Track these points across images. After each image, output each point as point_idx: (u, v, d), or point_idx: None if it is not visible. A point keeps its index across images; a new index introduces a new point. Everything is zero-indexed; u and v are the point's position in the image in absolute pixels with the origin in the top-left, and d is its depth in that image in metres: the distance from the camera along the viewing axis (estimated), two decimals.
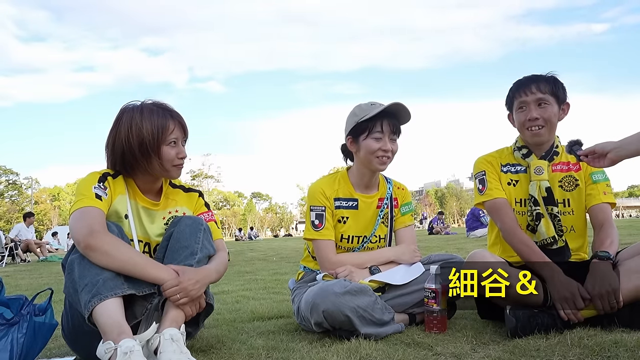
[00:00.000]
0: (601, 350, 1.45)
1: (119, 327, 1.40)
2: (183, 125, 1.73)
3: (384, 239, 2.15)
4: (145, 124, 1.65)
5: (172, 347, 1.39)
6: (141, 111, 1.68)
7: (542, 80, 1.97)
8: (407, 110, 2.02)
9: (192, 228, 1.66)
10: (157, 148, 1.65)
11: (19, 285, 4.91)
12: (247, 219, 69.61)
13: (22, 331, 1.54)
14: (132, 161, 1.67)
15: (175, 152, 1.69)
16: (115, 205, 1.67)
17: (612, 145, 1.60)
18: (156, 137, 1.65)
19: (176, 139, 1.69)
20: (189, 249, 1.62)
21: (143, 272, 1.52)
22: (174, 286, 1.51)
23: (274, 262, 6.76)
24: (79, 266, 1.49)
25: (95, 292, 1.43)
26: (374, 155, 2.01)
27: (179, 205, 1.82)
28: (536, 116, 1.94)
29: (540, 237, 1.97)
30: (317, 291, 1.78)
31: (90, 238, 1.48)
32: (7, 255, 9.90)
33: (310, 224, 2.06)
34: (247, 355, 1.62)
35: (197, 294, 1.56)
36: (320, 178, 2.18)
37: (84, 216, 1.54)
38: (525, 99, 1.97)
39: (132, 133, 1.64)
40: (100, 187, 1.62)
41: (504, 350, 1.54)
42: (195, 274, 1.56)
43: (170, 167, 1.70)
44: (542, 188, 1.99)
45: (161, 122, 1.66)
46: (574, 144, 1.78)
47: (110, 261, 1.48)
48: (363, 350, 1.57)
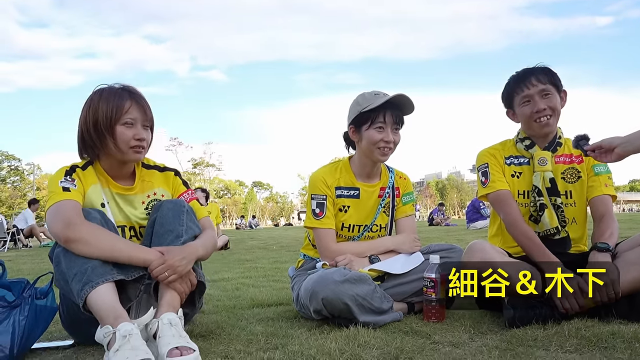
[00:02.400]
0: (598, 341, 1.46)
1: (114, 311, 1.41)
2: (143, 107, 1.68)
3: (384, 228, 2.16)
4: (101, 104, 1.63)
5: (171, 332, 1.41)
6: (101, 92, 1.67)
7: (539, 72, 1.98)
8: (411, 101, 2.02)
9: (174, 212, 1.66)
10: (110, 127, 1.63)
11: (21, 269, 4.95)
12: (248, 208, 69.81)
13: (23, 314, 1.55)
14: (90, 142, 1.66)
15: (132, 133, 1.64)
16: (89, 196, 1.67)
17: (619, 140, 1.60)
18: (109, 116, 1.62)
19: (133, 119, 1.65)
20: (174, 232, 1.62)
21: (128, 256, 1.53)
22: (160, 265, 1.51)
23: (274, 251, 6.80)
24: (65, 257, 1.50)
25: (86, 280, 1.44)
26: (376, 146, 2.00)
27: (156, 186, 1.80)
28: (543, 107, 1.94)
29: (543, 227, 1.98)
30: (316, 279, 1.79)
31: (68, 231, 1.49)
32: (9, 240, 9.97)
33: (311, 213, 2.07)
34: (246, 341, 1.63)
35: (185, 270, 1.56)
36: (322, 167, 2.18)
37: (58, 211, 1.54)
38: (528, 92, 1.96)
39: (90, 113, 1.64)
40: (68, 180, 1.62)
41: (502, 339, 1.55)
42: (180, 250, 1.57)
43: (127, 149, 1.65)
44: (546, 179, 1.99)
45: (117, 102, 1.64)
46: (580, 139, 1.78)
47: (93, 250, 1.49)
48: (361, 338, 1.58)
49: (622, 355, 1.34)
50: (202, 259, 1.68)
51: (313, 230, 2.08)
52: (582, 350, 1.41)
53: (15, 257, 7.19)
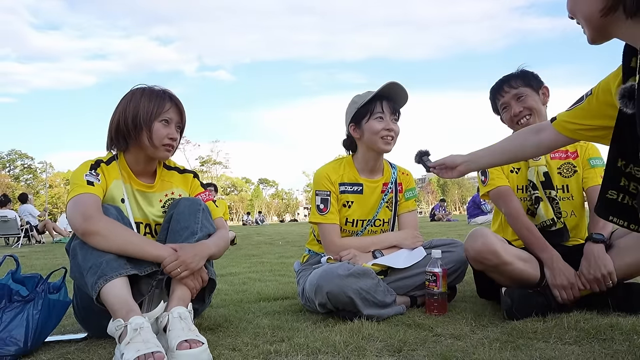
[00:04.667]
0: (597, 333, 1.49)
1: (127, 305, 1.45)
2: (181, 111, 1.77)
3: (387, 222, 2.19)
4: (143, 100, 1.72)
5: (181, 325, 1.44)
6: (143, 90, 1.75)
7: (512, 78, 2.06)
8: (404, 90, 2.06)
9: (190, 209, 1.70)
10: (149, 122, 1.70)
11: (34, 265, 5.00)
12: (254, 205, 69.91)
13: (37, 308, 1.59)
14: (125, 132, 1.71)
15: (167, 132, 1.73)
16: (111, 191, 1.71)
17: (461, 158, 1.70)
18: (151, 111, 1.70)
19: (170, 119, 1.73)
20: (189, 229, 1.66)
21: (142, 251, 1.56)
22: (173, 261, 1.55)
23: (279, 246, 6.83)
24: (82, 250, 1.54)
25: (101, 273, 1.48)
26: (379, 135, 2.04)
27: (175, 186, 1.86)
28: (519, 109, 2.02)
29: (539, 219, 2.01)
30: (321, 273, 1.82)
31: (86, 223, 1.53)
32: (22, 237, 10.10)
33: (316, 208, 2.10)
34: (253, 334, 1.67)
35: (197, 267, 1.60)
36: (326, 164, 2.21)
37: (79, 203, 1.58)
38: (504, 100, 2.07)
39: (130, 106, 1.71)
40: (92, 174, 1.66)
41: (502, 332, 1.58)
42: (193, 248, 1.61)
43: (160, 145, 1.72)
44: (540, 173, 2.04)
45: (159, 101, 1.73)
46: (423, 154, 1.86)
47: (109, 244, 1.52)
48: (365, 331, 1.62)
49: (621, 347, 1.36)
50: (214, 258, 1.72)
51: (318, 226, 2.12)
52: (581, 342, 1.43)
53: (28, 253, 7.26)
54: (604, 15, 1.07)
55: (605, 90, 1.31)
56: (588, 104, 1.38)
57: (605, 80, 1.32)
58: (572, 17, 1.15)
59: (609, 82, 1.30)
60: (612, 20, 1.07)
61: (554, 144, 1.53)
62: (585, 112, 1.39)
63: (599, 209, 1.25)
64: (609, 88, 1.29)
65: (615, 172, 1.19)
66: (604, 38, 1.13)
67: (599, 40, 1.13)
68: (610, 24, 1.08)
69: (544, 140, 1.53)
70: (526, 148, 1.59)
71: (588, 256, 1.78)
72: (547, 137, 1.52)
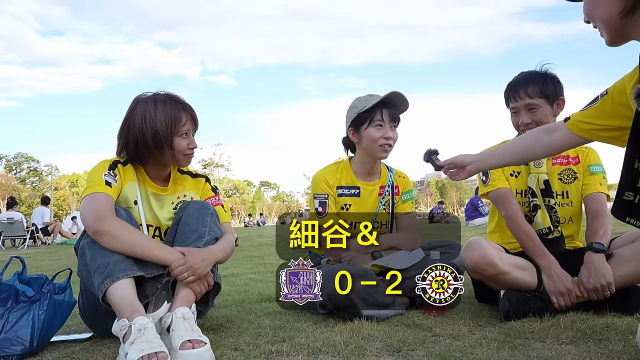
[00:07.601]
0: (593, 333, 1.51)
1: (132, 305, 1.46)
2: (194, 117, 1.78)
3: (385, 225, 2.22)
4: (159, 116, 1.69)
5: (184, 325, 1.46)
6: (155, 103, 1.72)
7: (530, 82, 1.97)
8: (405, 98, 2.08)
9: (199, 212, 1.72)
10: (170, 140, 1.70)
11: (40, 266, 5.00)
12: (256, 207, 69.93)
13: (42, 308, 1.61)
14: (145, 152, 1.72)
15: (187, 143, 1.74)
16: (125, 192, 1.73)
17: (471, 158, 1.65)
18: (169, 129, 1.69)
19: (188, 130, 1.74)
20: (197, 232, 1.68)
21: (150, 254, 1.57)
22: (180, 265, 1.57)
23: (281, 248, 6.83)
24: (90, 250, 1.56)
25: (107, 273, 1.49)
26: (377, 143, 2.06)
27: (187, 190, 1.88)
28: (527, 121, 1.97)
29: (536, 227, 2.00)
30: (321, 274, 1.84)
31: (99, 223, 1.54)
32: (28, 238, 10.15)
33: (315, 211, 2.13)
34: (254, 334, 1.68)
35: (204, 272, 1.62)
36: (324, 168, 2.24)
37: (93, 202, 1.60)
38: (515, 105, 2.01)
39: (146, 125, 1.68)
40: (110, 175, 1.68)
41: (500, 332, 1.60)
42: (201, 253, 1.63)
43: (181, 157, 1.75)
44: (540, 180, 2.02)
45: (174, 114, 1.71)
46: (432, 153, 1.80)
47: (118, 244, 1.54)
48: (365, 331, 1.63)
49: (616, 347, 1.37)
50: (220, 263, 1.74)
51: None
52: (578, 342, 1.45)
53: (34, 254, 7.27)
54: (623, 17, 1.07)
55: (620, 90, 1.30)
56: (603, 104, 1.36)
57: (621, 80, 1.31)
58: (589, 21, 1.15)
59: (624, 83, 1.29)
60: (631, 21, 1.07)
61: (567, 144, 1.50)
62: (600, 112, 1.37)
63: (615, 210, 1.23)
64: (624, 88, 1.28)
65: (632, 173, 1.17)
66: (623, 40, 1.13)
67: (617, 42, 1.14)
68: (628, 25, 1.08)
69: (556, 140, 1.50)
70: (537, 148, 1.55)
71: (588, 265, 1.77)
72: (560, 137, 1.49)
